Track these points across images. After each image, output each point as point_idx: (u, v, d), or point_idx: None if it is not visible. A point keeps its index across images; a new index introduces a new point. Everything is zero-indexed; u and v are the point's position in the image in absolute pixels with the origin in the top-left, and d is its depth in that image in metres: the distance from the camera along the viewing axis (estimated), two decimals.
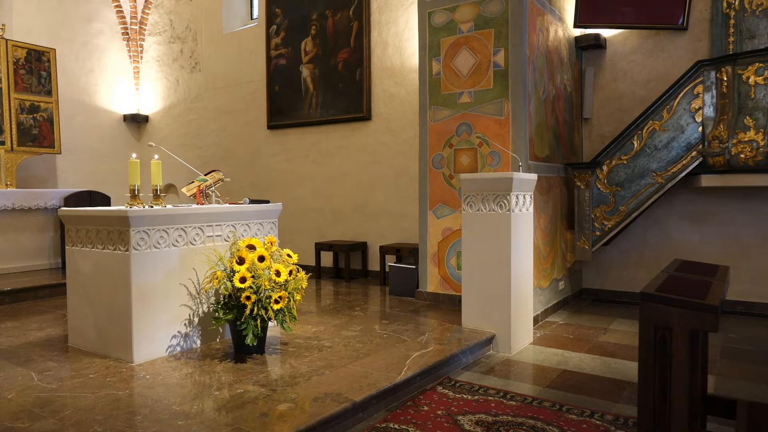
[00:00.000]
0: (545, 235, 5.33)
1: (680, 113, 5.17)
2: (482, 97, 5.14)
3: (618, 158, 5.43)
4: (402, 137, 6.90)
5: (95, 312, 3.83)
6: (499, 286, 4.27)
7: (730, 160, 4.90)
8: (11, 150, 7.53)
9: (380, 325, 4.64)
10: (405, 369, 3.47)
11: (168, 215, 3.77)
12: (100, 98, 9.52)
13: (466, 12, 5.23)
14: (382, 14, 7.04)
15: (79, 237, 3.95)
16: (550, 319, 5.34)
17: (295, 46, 7.87)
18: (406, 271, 5.85)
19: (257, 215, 4.45)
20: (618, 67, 6.18)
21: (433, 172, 5.49)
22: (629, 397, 3.34)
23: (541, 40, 5.29)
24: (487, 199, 4.30)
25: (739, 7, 5.37)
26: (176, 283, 3.82)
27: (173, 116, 9.63)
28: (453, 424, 2.94)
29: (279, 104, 8.09)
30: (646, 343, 2.02)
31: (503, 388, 3.49)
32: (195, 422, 2.68)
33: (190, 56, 9.33)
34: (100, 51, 9.44)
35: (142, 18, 9.78)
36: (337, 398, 2.98)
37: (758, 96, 4.83)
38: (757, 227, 5.41)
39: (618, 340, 4.62)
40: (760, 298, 5.39)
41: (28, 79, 7.75)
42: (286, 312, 3.65)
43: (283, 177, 8.13)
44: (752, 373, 3.82)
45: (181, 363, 3.60)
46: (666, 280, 2.32)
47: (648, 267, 5.86)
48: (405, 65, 6.86)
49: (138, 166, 3.94)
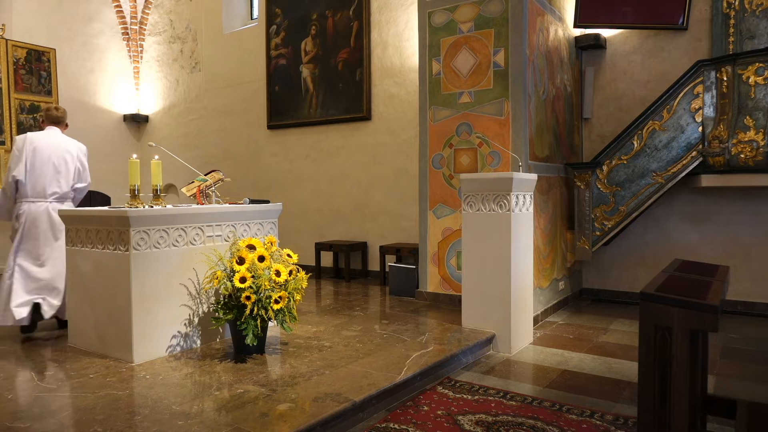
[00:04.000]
0: (545, 235, 5.34)
1: (680, 113, 5.18)
2: (482, 97, 5.14)
3: (618, 158, 5.43)
4: (402, 137, 6.90)
5: (95, 312, 3.83)
6: (499, 286, 4.27)
7: (730, 160, 4.90)
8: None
9: (380, 325, 4.65)
10: (405, 369, 3.47)
11: (168, 215, 3.77)
12: (100, 98, 9.53)
13: (466, 12, 5.23)
14: (382, 14, 7.04)
15: (79, 237, 3.95)
16: (550, 319, 5.34)
17: (295, 46, 7.87)
18: (406, 271, 5.85)
19: (257, 215, 4.45)
20: (618, 67, 6.18)
21: (433, 172, 5.49)
22: (629, 397, 3.34)
23: (541, 40, 5.29)
24: (487, 199, 4.30)
25: (739, 7, 5.37)
26: (176, 283, 3.82)
27: (173, 116, 9.63)
28: (453, 424, 2.94)
29: (279, 104, 8.10)
30: (646, 343, 2.02)
31: (503, 388, 3.48)
32: (195, 422, 2.68)
33: (190, 56, 9.33)
34: (100, 51, 9.44)
35: (142, 18, 9.78)
36: (337, 398, 2.98)
37: (758, 96, 4.83)
38: (757, 227, 5.41)
39: (618, 340, 4.62)
40: (760, 298, 5.39)
41: (28, 79, 7.76)
42: (286, 312, 3.66)
43: (283, 177, 8.13)
44: (752, 373, 3.82)
45: (181, 363, 3.60)
46: (666, 280, 2.32)
47: (648, 267, 5.86)
48: (405, 65, 6.86)
49: (138, 166, 3.94)
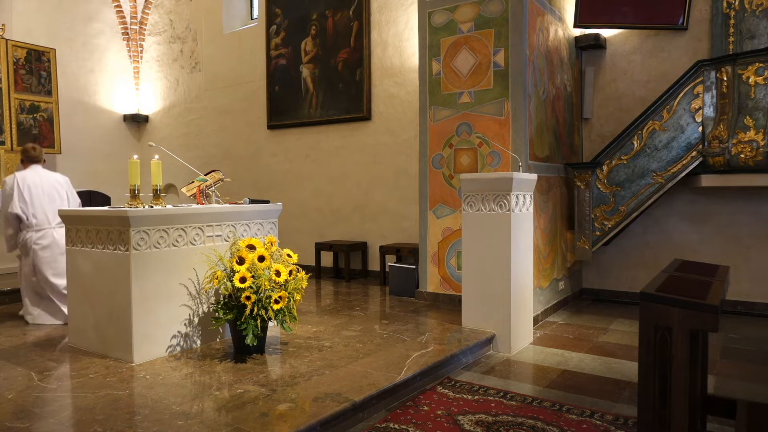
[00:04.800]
0: (545, 235, 5.33)
1: (680, 113, 5.17)
2: (482, 97, 5.14)
3: (618, 158, 5.43)
4: (402, 137, 6.90)
5: (95, 312, 3.83)
6: (499, 286, 4.27)
7: (730, 160, 4.90)
8: (11, 150, 7.53)
9: (380, 325, 4.64)
10: (405, 369, 3.47)
11: (168, 215, 3.77)
12: (100, 98, 9.52)
13: (466, 12, 5.23)
14: (382, 14, 7.04)
15: (79, 237, 3.95)
16: (550, 319, 5.34)
17: (295, 46, 7.87)
18: (406, 271, 5.85)
19: (257, 215, 4.45)
20: (618, 67, 6.18)
21: (433, 172, 5.49)
22: (629, 397, 3.34)
23: (541, 40, 5.29)
24: (487, 199, 4.30)
25: (739, 7, 5.37)
26: (176, 283, 3.82)
27: (173, 116, 9.63)
28: (453, 424, 2.94)
29: (279, 104, 8.09)
30: (646, 343, 2.02)
31: (503, 388, 3.48)
32: (195, 422, 2.68)
33: (190, 56, 9.33)
34: (100, 51, 9.44)
35: (142, 18, 9.78)
36: (337, 398, 2.98)
37: (758, 96, 4.83)
38: (757, 227, 5.41)
39: (618, 340, 4.62)
40: (760, 298, 5.39)
41: (28, 79, 7.76)
42: (286, 312, 3.65)
43: (283, 177, 8.13)
44: (752, 373, 3.82)
45: (181, 363, 3.60)
46: (666, 280, 2.32)
47: (648, 267, 5.86)
48: (405, 65, 6.86)
49: (138, 166, 3.94)
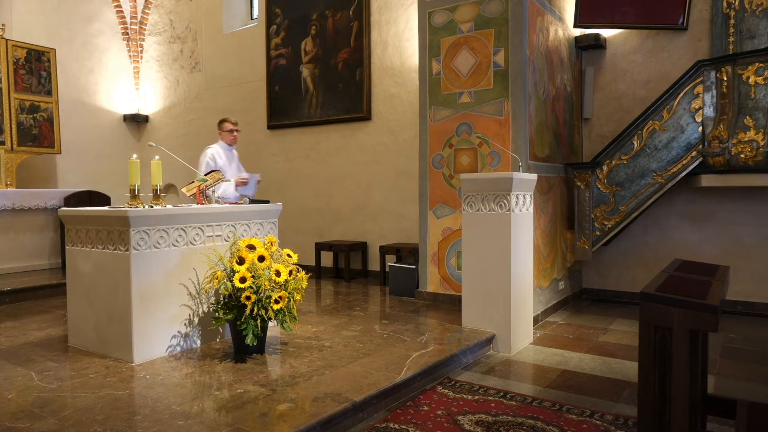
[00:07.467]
0: (545, 235, 5.33)
1: (680, 113, 5.17)
2: (482, 97, 5.14)
3: (618, 158, 5.43)
4: (402, 137, 6.90)
5: (95, 312, 3.83)
6: (498, 286, 4.27)
7: (730, 160, 4.90)
8: (11, 150, 7.53)
9: (380, 325, 4.64)
10: (405, 369, 3.47)
11: (168, 215, 3.77)
12: (100, 98, 9.52)
13: (466, 12, 5.23)
14: (382, 14, 7.04)
15: (79, 237, 3.95)
16: (550, 319, 5.34)
17: (295, 46, 7.87)
18: (406, 271, 5.85)
19: (257, 215, 4.45)
20: (618, 67, 6.18)
21: (433, 172, 5.49)
22: (629, 397, 3.34)
23: (541, 40, 5.29)
24: (487, 199, 4.30)
25: (739, 7, 5.37)
26: (176, 283, 3.82)
27: (173, 116, 9.62)
28: (453, 424, 2.94)
29: (279, 104, 8.09)
30: (646, 343, 2.02)
31: (503, 388, 3.48)
32: (195, 422, 2.68)
33: (190, 56, 9.33)
34: (100, 51, 9.44)
35: (142, 18, 9.78)
36: (337, 398, 2.98)
37: (758, 96, 4.83)
38: (757, 227, 5.41)
39: (618, 340, 4.62)
40: (760, 298, 5.39)
41: (28, 79, 7.75)
42: (286, 312, 3.65)
43: (283, 177, 8.12)
44: (752, 373, 3.82)
45: (181, 363, 3.60)
46: (666, 280, 2.32)
47: (648, 267, 5.86)
48: (405, 65, 6.86)
49: (138, 166, 3.94)
